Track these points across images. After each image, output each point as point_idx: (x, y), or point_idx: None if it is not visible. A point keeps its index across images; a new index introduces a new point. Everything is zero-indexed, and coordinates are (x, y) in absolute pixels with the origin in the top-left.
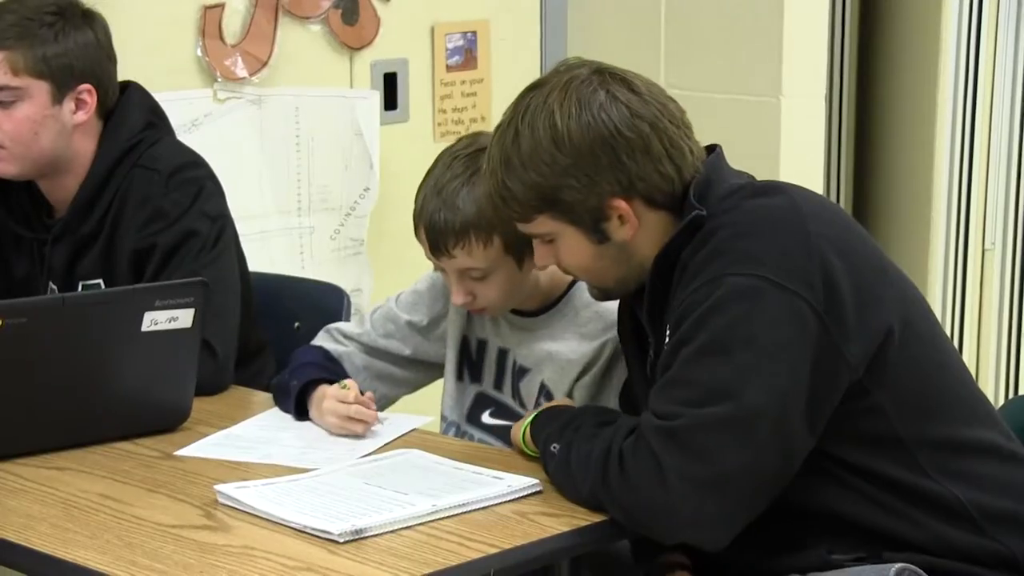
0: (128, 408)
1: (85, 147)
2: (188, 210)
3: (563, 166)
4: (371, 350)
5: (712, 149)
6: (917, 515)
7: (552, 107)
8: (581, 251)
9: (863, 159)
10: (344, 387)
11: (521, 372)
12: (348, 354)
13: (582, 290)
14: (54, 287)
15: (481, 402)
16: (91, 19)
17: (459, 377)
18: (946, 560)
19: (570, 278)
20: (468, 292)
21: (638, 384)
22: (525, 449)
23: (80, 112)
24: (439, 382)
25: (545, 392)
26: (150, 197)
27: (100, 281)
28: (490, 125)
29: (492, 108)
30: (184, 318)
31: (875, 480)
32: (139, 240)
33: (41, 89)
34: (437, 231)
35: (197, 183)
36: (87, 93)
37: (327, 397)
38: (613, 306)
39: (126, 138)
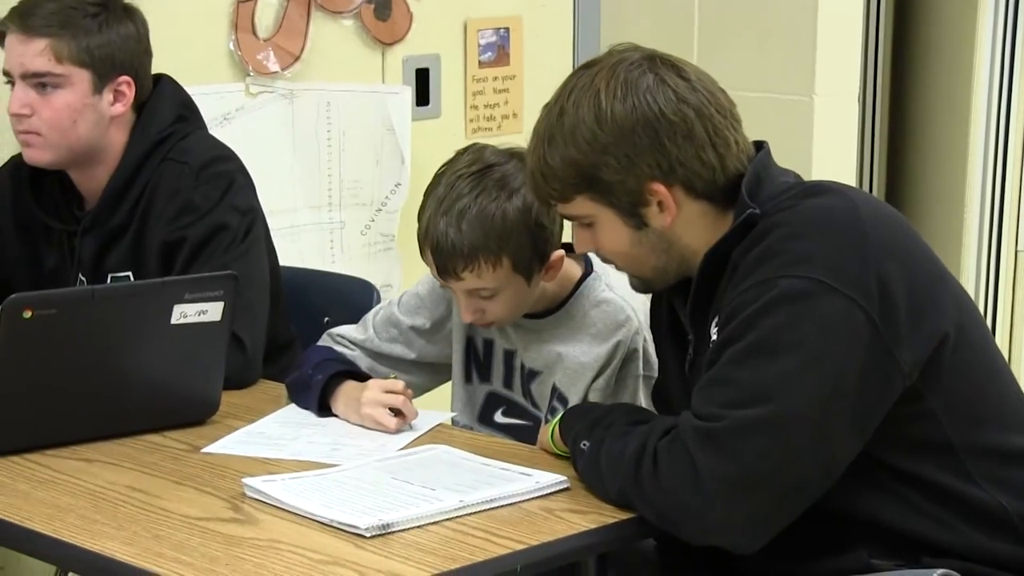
0: (157, 400)
1: (118, 139)
2: (218, 204)
3: (603, 144)
4: (376, 355)
5: (760, 146)
6: (961, 524)
7: (598, 86)
8: (619, 236)
9: (896, 159)
10: (393, 378)
11: (531, 375)
12: (354, 358)
13: (590, 289)
14: (83, 279)
15: (493, 401)
16: (132, 13)
17: (467, 379)
18: (987, 567)
19: (576, 279)
20: (477, 310)
21: (673, 381)
22: (554, 448)
23: (118, 104)
24: (445, 387)
25: (558, 395)
26: (180, 190)
27: (129, 273)
28: (522, 121)
29: (524, 104)
30: (213, 311)
31: (921, 487)
32: (168, 233)
33: (83, 78)
34: (444, 255)
35: (227, 177)
36: (126, 85)
37: (369, 388)
38: (622, 305)
39: (156, 131)
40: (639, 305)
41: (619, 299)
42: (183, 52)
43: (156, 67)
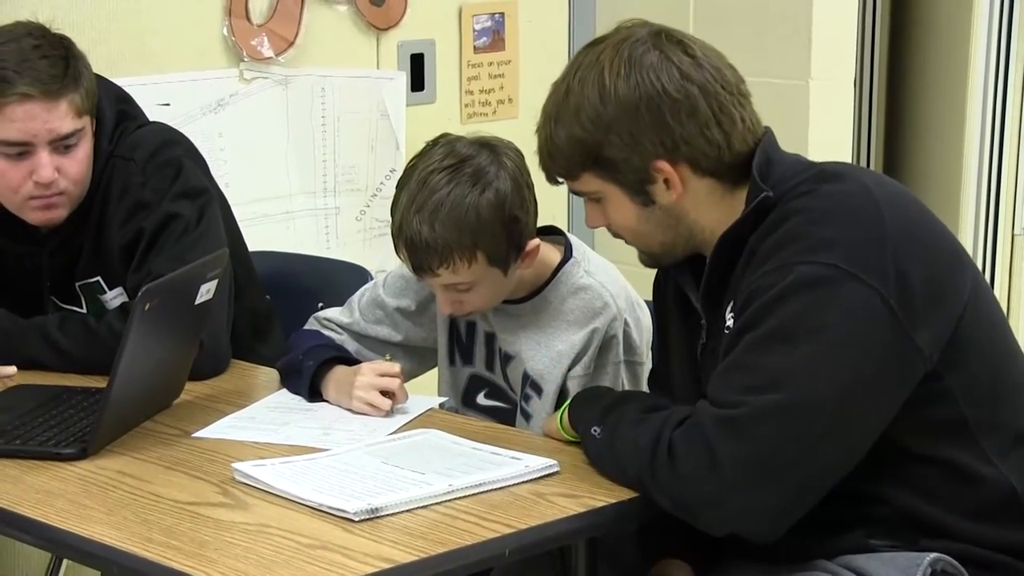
0: (163, 385)
1: None
2: (167, 193)
3: (606, 122)
4: (363, 338)
5: (764, 130)
6: (968, 506)
7: (603, 64)
8: (627, 213)
9: (892, 142)
10: (389, 359)
11: (507, 358)
12: (341, 342)
13: (568, 275)
14: (53, 298)
15: (475, 383)
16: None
17: (451, 361)
18: (983, 550)
19: (555, 265)
20: (455, 302)
21: (679, 364)
22: (563, 435)
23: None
24: (432, 374)
25: (531, 382)
26: (129, 188)
27: (98, 278)
28: (517, 107)
29: (519, 90)
30: (212, 289)
31: (933, 467)
32: (122, 236)
33: (88, 123)
34: (419, 252)
35: (175, 164)
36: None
37: (363, 372)
38: (600, 291)
39: (107, 141)
40: (619, 291)
41: (598, 285)
42: (177, 38)
43: (151, 54)
